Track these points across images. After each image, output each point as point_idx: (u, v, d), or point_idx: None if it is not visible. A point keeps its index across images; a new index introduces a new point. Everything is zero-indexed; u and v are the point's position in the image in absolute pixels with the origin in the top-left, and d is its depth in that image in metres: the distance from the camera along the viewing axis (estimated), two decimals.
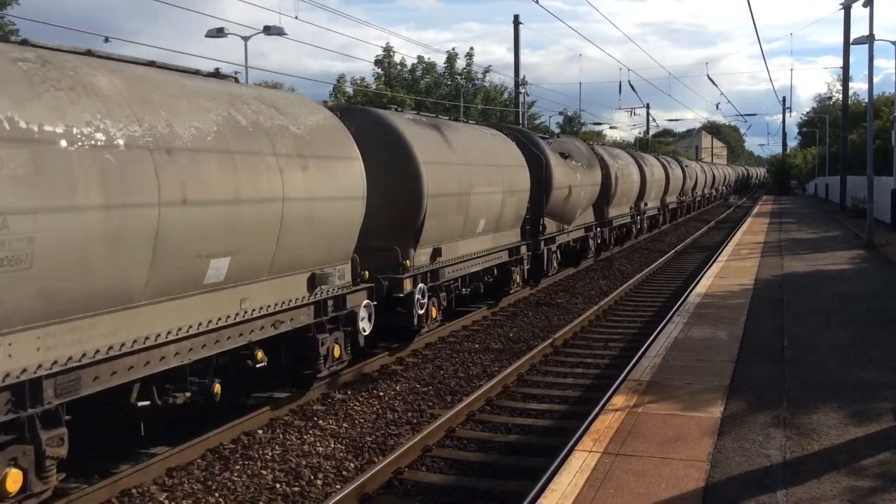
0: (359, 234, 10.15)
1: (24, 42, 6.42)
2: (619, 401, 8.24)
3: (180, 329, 7.15)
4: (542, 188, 17.86)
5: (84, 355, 6.19)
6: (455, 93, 48.67)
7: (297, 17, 36.97)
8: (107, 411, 7.20)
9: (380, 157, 11.10)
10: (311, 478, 7.58)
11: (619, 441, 7.00)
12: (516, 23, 40.04)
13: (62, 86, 6.07)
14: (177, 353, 7.16)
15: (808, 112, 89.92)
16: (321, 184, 9.03)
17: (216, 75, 8.78)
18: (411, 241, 11.99)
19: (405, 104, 37.76)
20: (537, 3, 25.20)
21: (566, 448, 7.54)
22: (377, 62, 50.78)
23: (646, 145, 72.55)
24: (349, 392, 10.32)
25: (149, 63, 7.71)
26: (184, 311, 7.20)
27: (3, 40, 6.36)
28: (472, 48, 71.19)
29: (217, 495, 7.16)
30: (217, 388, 7.75)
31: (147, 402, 7.21)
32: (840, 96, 51.46)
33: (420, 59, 51.42)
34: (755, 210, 49.13)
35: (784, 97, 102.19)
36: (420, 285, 12.03)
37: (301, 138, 8.86)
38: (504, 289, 16.53)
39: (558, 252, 19.84)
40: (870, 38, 25.20)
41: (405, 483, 7.53)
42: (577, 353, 12.84)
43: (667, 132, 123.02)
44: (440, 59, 52.49)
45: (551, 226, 18.91)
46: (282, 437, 8.66)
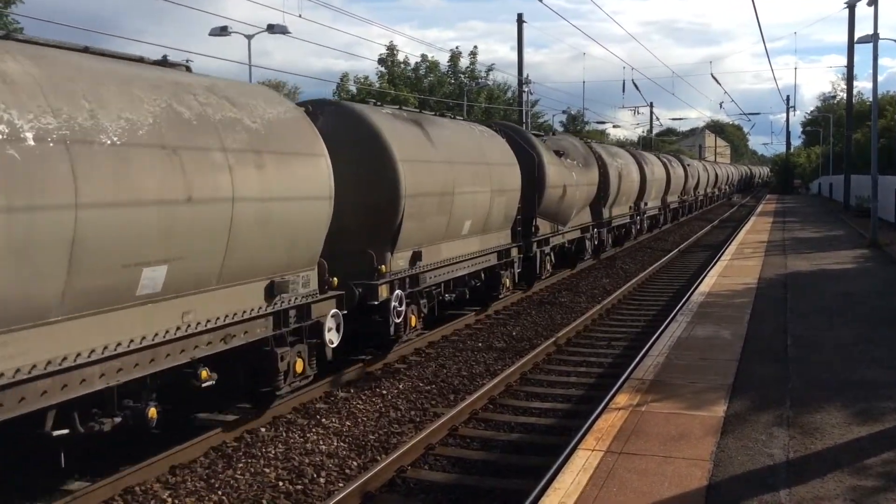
0: (330, 237, 9.41)
1: None
2: (622, 399, 8.24)
3: (107, 347, 6.33)
4: (534, 187, 17.22)
5: None
6: (459, 91, 48.67)
7: (300, 16, 37.19)
8: (20, 441, 6.39)
9: (353, 154, 10.56)
10: (314, 476, 7.59)
11: (622, 440, 6.99)
12: (520, 21, 40.06)
13: None
14: (102, 375, 6.32)
15: (812, 111, 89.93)
16: (280, 183, 8.24)
17: (163, 63, 7.99)
18: (388, 245, 11.28)
19: (409, 102, 37.77)
20: (541, 1, 25.21)
21: (569, 447, 7.55)
22: (381, 61, 50.87)
23: (649, 144, 72.49)
24: (352, 390, 10.33)
25: (82, 49, 7.01)
26: (111, 327, 6.38)
27: None
28: (475, 47, 71.30)
29: (220, 493, 7.17)
30: (152, 412, 6.91)
31: (66, 430, 6.35)
32: (844, 95, 51.41)
33: (423, 57, 51.53)
34: (758, 209, 49.05)
35: (788, 96, 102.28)
36: (397, 291, 11.31)
37: (256, 133, 8.04)
38: (493, 293, 15.80)
39: (552, 254, 19.22)
40: (874, 37, 25.22)
41: (408, 481, 7.53)
42: (580, 351, 12.84)
43: (670, 131, 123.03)
44: (444, 58, 52.65)
45: (545, 227, 18.31)
46: (285, 435, 8.67)
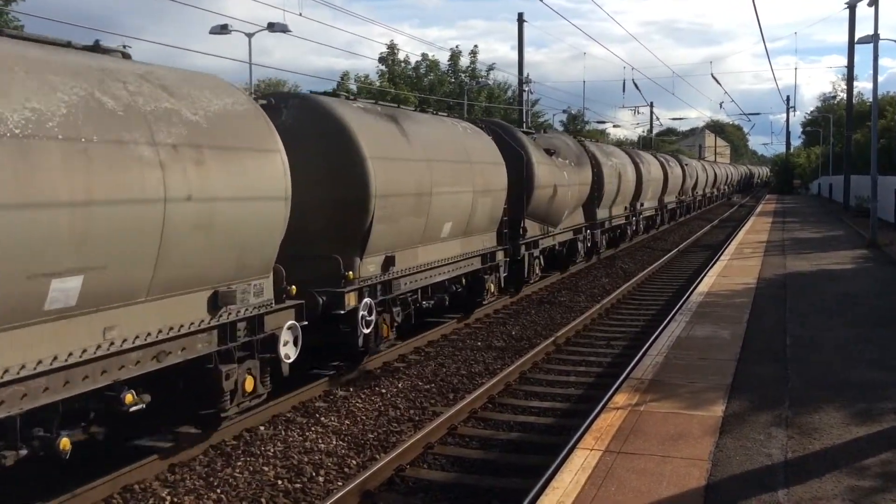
0: (293, 241, 8.72)
1: None
2: (621, 399, 8.24)
3: (7, 370, 5.60)
4: (522, 187, 16.40)
5: None
6: (459, 90, 48.68)
7: (301, 14, 37.17)
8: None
9: (319, 151, 9.95)
10: (313, 474, 7.59)
11: (620, 439, 7.00)
12: (520, 21, 40.10)
13: None
14: (2, 402, 5.59)
15: (812, 111, 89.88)
16: (226, 181, 7.45)
17: (94, 48, 7.20)
18: (357, 249, 10.46)
19: (409, 101, 37.80)
20: (542, 1, 25.20)
21: (568, 446, 7.56)
22: (381, 59, 50.91)
23: (649, 144, 72.51)
24: (351, 389, 10.34)
25: None
26: (12, 347, 5.65)
27: None
28: (476, 46, 71.29)
29: (219, 491, 7.18)
30: (65, 442, 6.17)
31: None
32: (844, 95, 51.46)
33: (424, 56, 51.58)
34: (758, 209, 49.05)
35: (788, 96, 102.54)
36: (367, 300, 10.49)
37: (197, 126, 7.28)
38: (476, 299, 14.99)
39: (541, 257, 18.43)
40: (875, 38, 25.23)
41: (407, 480, 7.53)
42: (579, 350, 12.85)
43: (670, 131, 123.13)
44: (444, 57, 52.73)
45: (533, 228, 17.48)
46: (284, 433, 8.68)
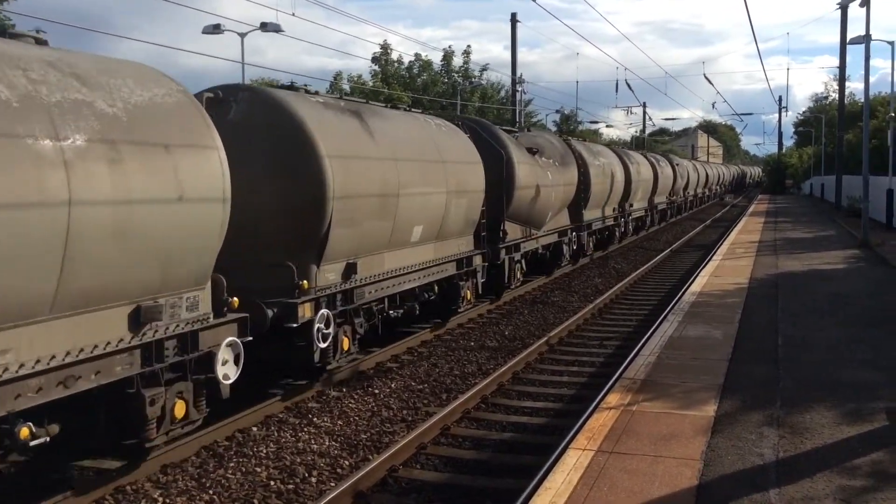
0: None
1: None
2: (613, 399, 8.26)
3: None
4: (502, 188, 15.60)
5: None
6: (452, 90, 48.67)
7: (294, 14, 37.04)
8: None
9: (270, 149, 9.30)
10: (306, 475, 7.58)
11: (613, 439, 7.02)
12: (513, 21, 40.10)
13: None
14: None
15: (804, 111, 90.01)
16: (147, 182, 6.66)
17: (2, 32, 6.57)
18: (313, 256, 9.64)
19: (402, 101, 37.76)
20: (535, 1, 25.18)
21: (560, 446, 7.57)
22: (374, 59, 50.84)
23: (642, 144, 72.63)
24: (344, 390, 10.33)
25: None
26: None
27: None
28: (469, 46, 71.15)
29: (211, 492, 7.16)
30: None
31: None
32: (836, 96, 51.64)
33: (417, 56, 51.52)
34: (750, 209, 49.22)
35: (780, 96, 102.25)
36: (324, 311, 9.67)
37: (115, 119, 6.50)
38: (451, 307, 14.13)
39: (523, 261, 17.62)
40: (866, 38, 25.31)
41: (400, 480, 7.53)
42: (572, 350, 12.86)
43: (663, 131, 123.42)
44: (437, 57, 52.62)
45: (515, 231, 16.69)
46: (276, 434, 8.67)
